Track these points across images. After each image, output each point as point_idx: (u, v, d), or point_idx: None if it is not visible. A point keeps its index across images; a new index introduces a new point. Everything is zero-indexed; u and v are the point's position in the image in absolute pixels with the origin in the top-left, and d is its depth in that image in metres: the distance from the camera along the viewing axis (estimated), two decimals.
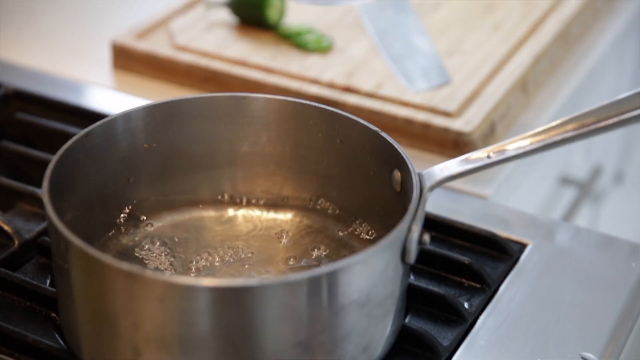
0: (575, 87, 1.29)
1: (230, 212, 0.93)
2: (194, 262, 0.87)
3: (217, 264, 0.87)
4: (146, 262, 0.87)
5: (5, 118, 1.14)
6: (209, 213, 0.93)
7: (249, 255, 0.88)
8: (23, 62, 1.27)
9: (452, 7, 1.37)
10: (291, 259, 0.88)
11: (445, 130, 1.11)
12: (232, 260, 0.87)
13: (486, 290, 0.90)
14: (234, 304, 0.71)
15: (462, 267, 0.91)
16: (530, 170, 1.24)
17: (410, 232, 0.78)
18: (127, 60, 1.26)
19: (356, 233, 0.91)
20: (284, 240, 0.90)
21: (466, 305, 0.88)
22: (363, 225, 0.91)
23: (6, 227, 0.93)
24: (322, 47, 1.25)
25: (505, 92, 1.18)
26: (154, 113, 0.90)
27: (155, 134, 0.91)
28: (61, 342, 0.83)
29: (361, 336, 0.77)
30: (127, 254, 0.88)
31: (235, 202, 0.94)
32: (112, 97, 1.21)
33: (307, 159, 0.93)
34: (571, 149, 1.42)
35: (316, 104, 0.91)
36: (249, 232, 0.91)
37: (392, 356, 0.82)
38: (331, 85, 1.18)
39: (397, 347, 0.83)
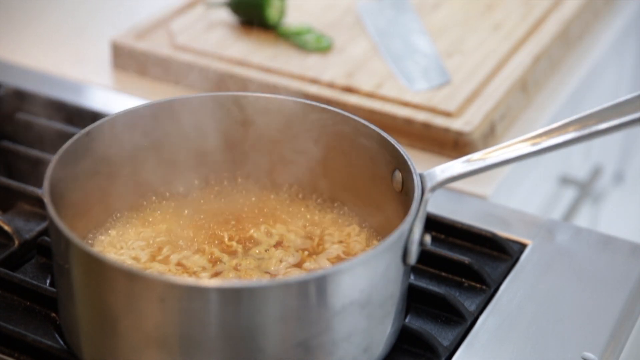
0: (575, 87, 1.29)
1: (228, 210, 0.93)
2: (193, 261, 0.87)
3: (217, 262, 0.86)
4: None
5: (5, 118, 1.14)
6: (210, 212, 0.93)
7: (249, 254, 0.88)
8: (23, 62, 1.27)
9: (452, 7, 1.37)
10: (291, 259, 0.88)
11: (445, 130, 1.11)
12: (231, 258, 0.87)
13: (486, 290, 0.90)
14: (235, 304, 0.71)
15: (462, 267, 0.91)
16: (530, 170, 1.24)
17: (411, 233, 0.78)
18: (127, 60, 1.26)
19: (357, 233, 0.91)
20: (284, 240, 0.90)
21: (466, 305, 0.88)
22: (364, 225, 0.91)
23: (6, 227, 0.93)
24: (321, 47, 1.25)
25: (505, 92, 1.18)
26: (154, 112, 0.90)
27: (155, 134, 0.91)
28: (61, 342, 0.83)
29: (362, 337, 0.77)
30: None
31: (235, 201, 0.94)
32: (112, 97, 1.21)
33: (308, 159, 0.93)
34: (571, 149, 1.42)
35: (316, 104, 0.91)
36: (249, 231, 0.91)
37: (392, 356, 0.82)
38: (331, 85, 1.18)
39: (397, 347, 0.83)
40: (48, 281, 0.89)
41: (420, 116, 1.13)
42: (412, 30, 1.31)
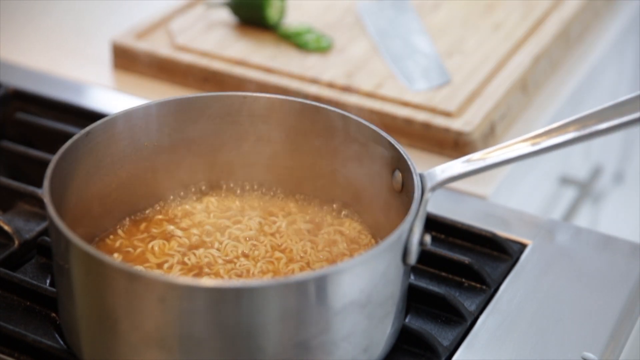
0: (575, 87, 1.29)
1: (230, 210, 0.93)
2: (195, 260, 0.87)
3: (217, 261, 0.86)
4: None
5: (5, 118, 1.14)
6: (209, 211, 0.93)
7: (249, 253, 0.88)
8: (23, 62, 1.27)
9: (452, 7, 1.37)
10: (289, 259, 0.88)
11: (446, 130, 1.11)
12: (232, 258, 0.87)
13: (486, 290, 0.90)
14: (234, 304, 0.71)
15: (462, 267, 0.91)
16: (530, 170, 1.24)
17: (411, 233, 0.78)
18: (127, 60, 1.26)
19: (356, 233, 0.91)
20: (282, 240, 0.90)
21: (466, 305, 0.88)
22: (363, 225, 0.91)
23: (6, 227, 0.93)
24: (321, 47, 1.25)
25: (505, 92, 1.18)
26: (154, 112, 0.90)
27: (155, 133, 0.91)
28: (61, 342, 0.83)
29: (362, 337, 0.77)
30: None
31: (235, 201, 0.94)
32: (112, 97, 1.21)
33: (308, 159, 0.93)
34: (571, 148, 1.42)
35: (316, 104, 0.91)
36: (249, 230, 0.91)
37: (392, 356, 0.82)
38: (331, 85, 1.18)
39: (397, 347, 0.83)
40: (48, 281, 0.89)
41: (420, 116, 1.13)
42: (412, 30, 1.31)
